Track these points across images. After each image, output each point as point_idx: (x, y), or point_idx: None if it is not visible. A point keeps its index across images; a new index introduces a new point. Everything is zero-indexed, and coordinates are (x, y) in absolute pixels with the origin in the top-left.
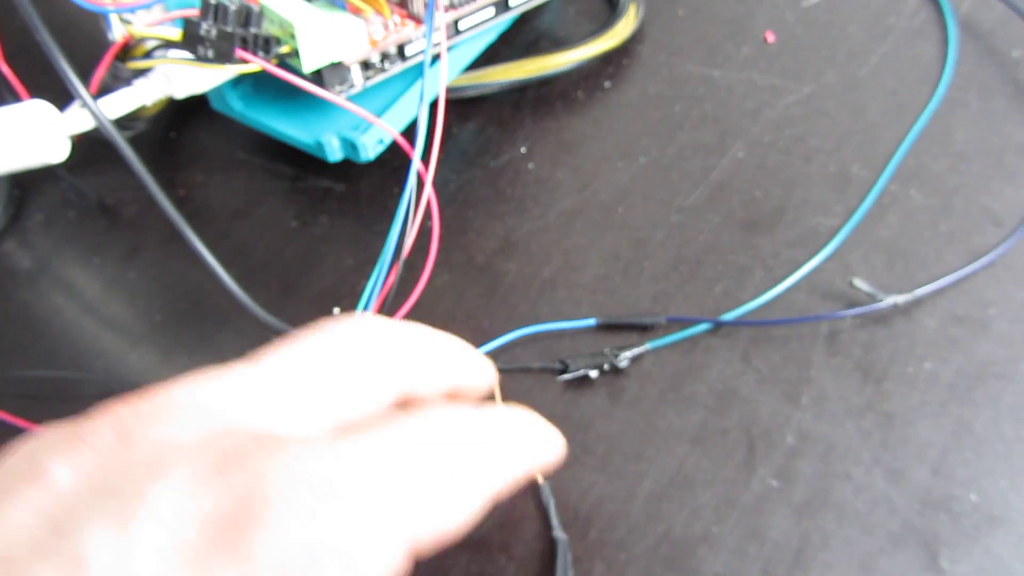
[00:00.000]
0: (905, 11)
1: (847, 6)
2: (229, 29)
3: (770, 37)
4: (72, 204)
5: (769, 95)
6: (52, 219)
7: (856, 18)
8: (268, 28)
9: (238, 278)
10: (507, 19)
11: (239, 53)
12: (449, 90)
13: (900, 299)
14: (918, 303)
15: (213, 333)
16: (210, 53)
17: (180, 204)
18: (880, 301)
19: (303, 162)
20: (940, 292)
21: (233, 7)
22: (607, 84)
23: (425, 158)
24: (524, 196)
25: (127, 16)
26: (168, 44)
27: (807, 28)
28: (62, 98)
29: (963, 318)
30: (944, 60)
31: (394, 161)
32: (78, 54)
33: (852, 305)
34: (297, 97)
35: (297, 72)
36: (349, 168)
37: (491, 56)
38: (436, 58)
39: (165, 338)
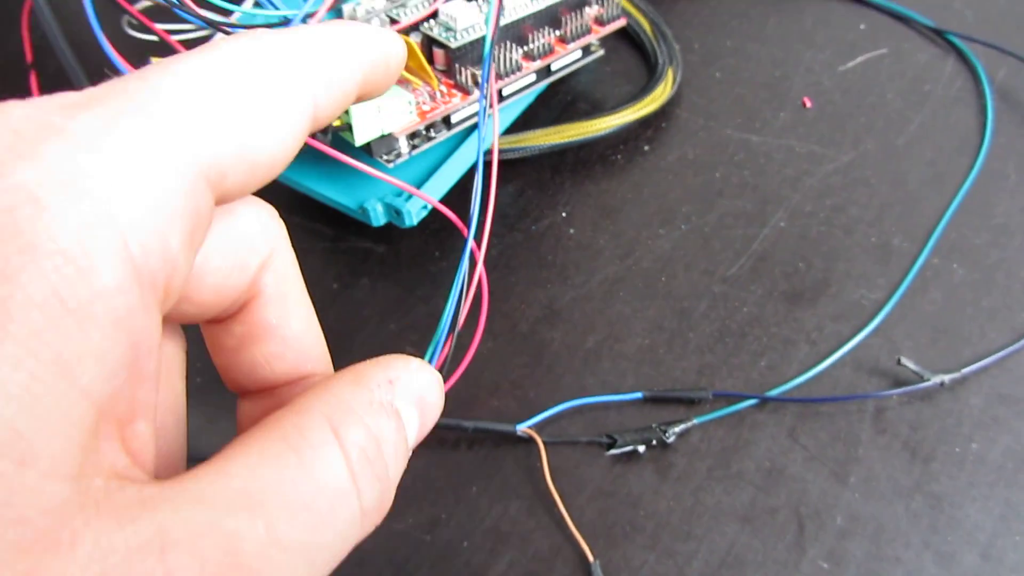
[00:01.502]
0: (942, 77)
1: (883, 71)
2: None
3: (808, 102)
4: None
5: (808, 162)
6: None
7: (893, 84)
8: None
9: None
10: (547, 82)
11: (309, 141)
12: (492, 153)
13: (946, 378)
14: (963, 382)
15: None
16: None
17: None
18: (927, 380)
19: (343, 222)
20: (985, 370)
21: None
22: (646, 147)
23: (478, 235)
24: (566, 262)
25: None
26: None
27: (844, 94)
28: None
29: (1008, 397)
30: (982, 129)
31: (434, 223)
32: None
33: (898, 382)
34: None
35: (347, 143)
36: (389, 229)
37: (529, 116)
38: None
39: (207, 402)
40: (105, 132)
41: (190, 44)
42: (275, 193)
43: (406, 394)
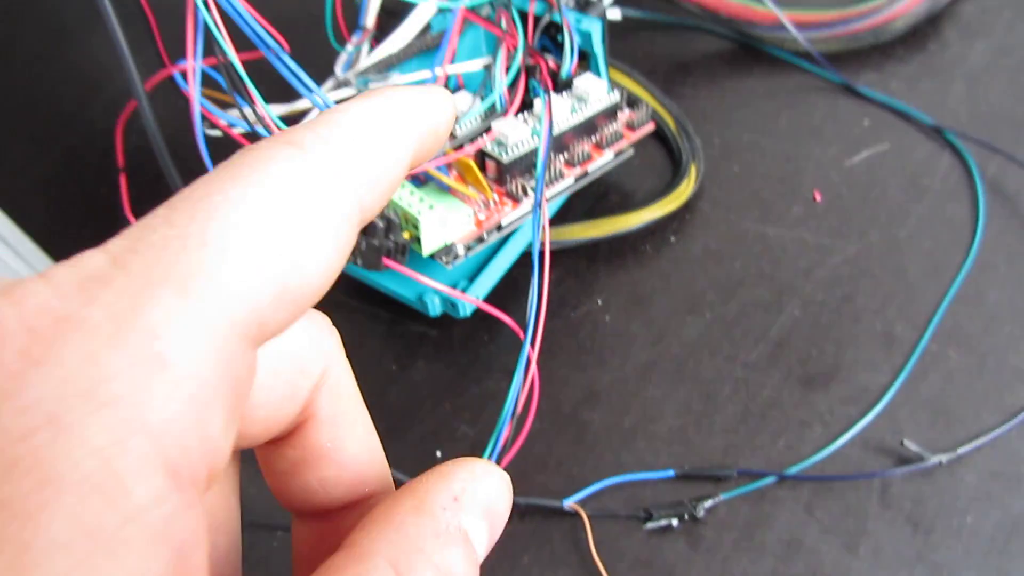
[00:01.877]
0: (938, 172)
1: (886, 166)
2: (376, 243)
3: (818, 196)
4: None
5: (819, 254)
6: None
7: (894, 179)
8: (389, 212)
9: None
10: (583, 183)
11: (385, 262)
12: (531, 245)
13: (944, 457)
14: (960, 460)
15: None
16: (359, 261)
17: None
18: (927, 460)
19: (399, 307)
20: (979, 450)
21: (381, 223)
22: (672, 239)
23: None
24: (603, 347)
25: None
26: None
27: (851, 188)
28: None
29: (1000, 474)
30: (975, 222)
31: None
32: None
33: (901, 461)
34: None
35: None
36: (442, 315)
37: (565, 208)
38: (514, 228)
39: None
40: (130, 316)
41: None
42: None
43: (474, 508)
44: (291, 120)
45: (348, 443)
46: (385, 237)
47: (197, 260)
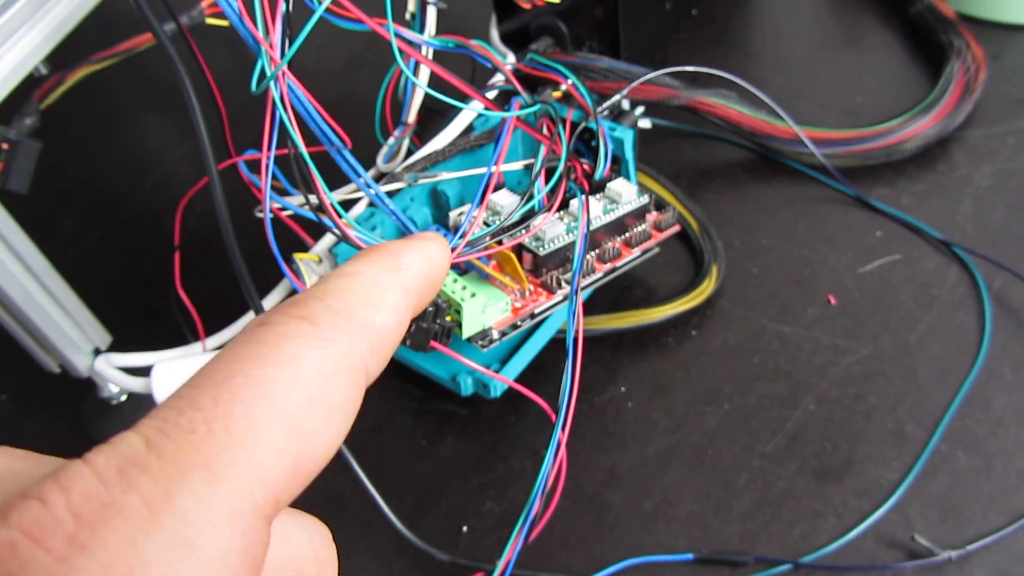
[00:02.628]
0: (947, 283)
1: (897, 275)
2: (426, 326)
3: (832, 300)
4: None
5: (833, 353)
6: None
7: (905, 287)
8: (436, 298)
9: (376, 490)
10: (611, 277)
11: (433, 344)
12: (560, 332)
13: (953, 554)
14: (968, 557)
15: (355, 541)
16: (408, 342)
17: None
18: (936, 555)
19: (430, 386)
20: (987, 548)
21: (431, 308)
22: (693, 332)
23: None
24: (625, 432)
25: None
26: None
27: (864, 294)
28: None
29: (1007, 571)
30: (982, 332)
31: (510, 391)
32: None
33: (912, 555)
34: None
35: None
36: (472, 395)
37: (591, 299)
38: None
39: None
40: (165, 504)
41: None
42: None
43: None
44: (344, 205)
45: None
46: (433, 321)
47: (222, 446)
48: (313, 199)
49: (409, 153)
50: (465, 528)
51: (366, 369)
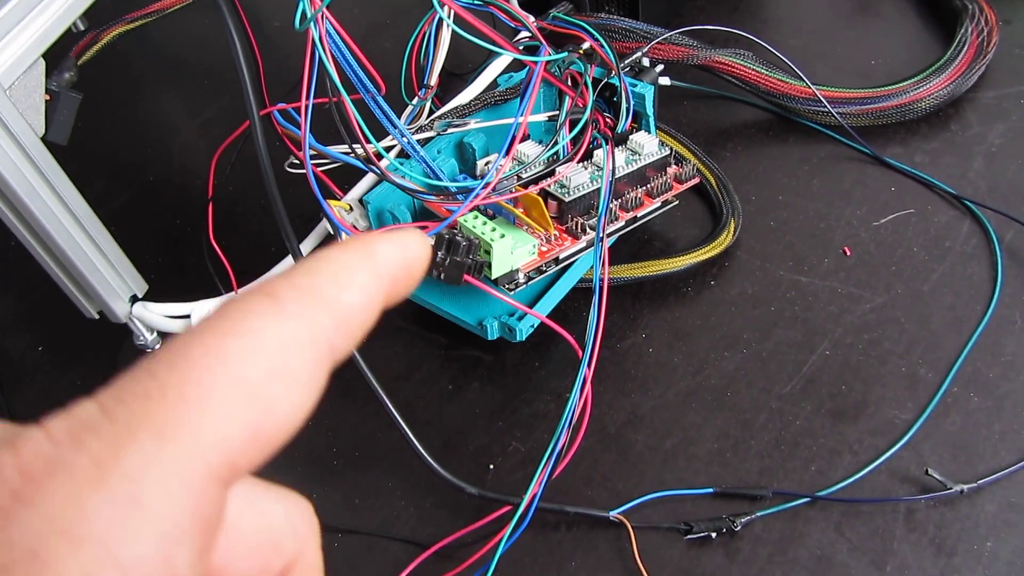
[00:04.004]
0: (959, 236)
1: (911, 228)
2: (459, 260)
3: (847, 251)
4: None
5: (849, 302)
6: None
7: (918, 239)
8: (469, 234)
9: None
10: (633, 226)
11: (466, 278)
12: (581, 281)
13: (965, 487)
14: (980, 491)
15: (386, 479)
16: (442, 275)
17: (350, 364)
18: (949, 488)
19: (455, 333)
20: (997, 483)
21: (464, 242)
22: (712, 283)
23: (589, 359)
24: (646, 376)
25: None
26: None
27: (878, 245)
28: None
29: (1017, 505)
30: (994, 281)
31: (533, 338)
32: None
33: (925, 489)
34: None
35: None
36: (497, 341)
37: (613, 251)
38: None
39: (345, 482)
40: (112, 462)
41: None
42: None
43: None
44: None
45: None
46: (467, 255)
47: (174, 409)
48: (357, 147)
49: (431, 114)
50: (492, 466)
51: (331, 345)
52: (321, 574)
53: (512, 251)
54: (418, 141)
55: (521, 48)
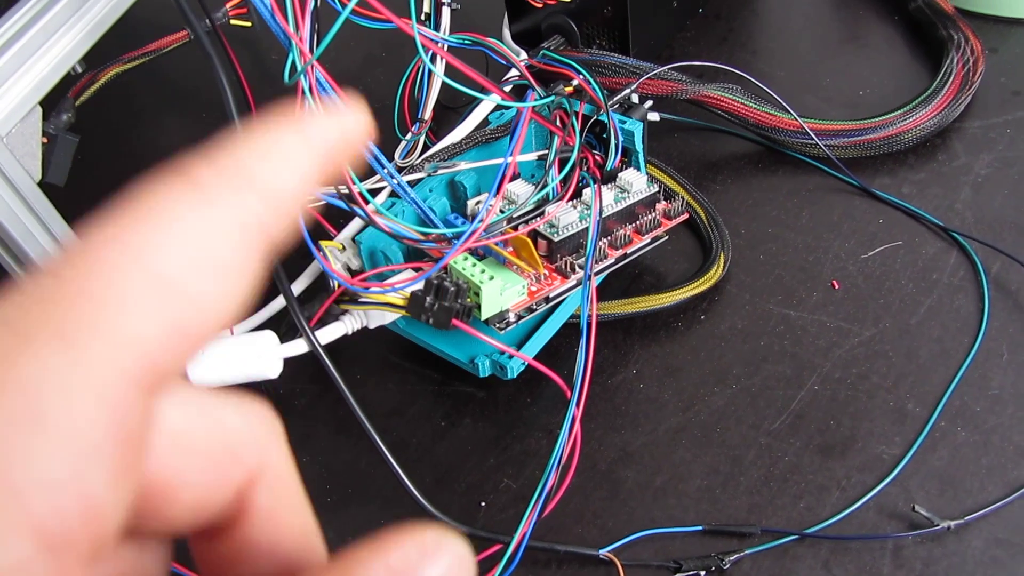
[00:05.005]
0: (947, 268)
1: (899, 260)
2: (448, 305)
3: (836, 284)
4: (248, 390)
5: (837, 336)
6: None
7: (906, 271)
8: (458, 279)
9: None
10: (623, 263)
11: (454, 322)
12: (573, 316)
13: (952, 523)
14: (967, 527)
15: (379, 516)
16: (431, 320)
17: (343, 402)
18: (936, 525)
19: (448, 369)
20: (984, 518)
21: (452, 288)
22: (702, 317)
23: (578, 399)
24: (636, 412)
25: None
26: (390, 304)
27: (867, 278)
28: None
29: (1004, 541)
30: (981, 314)
31: (525, 375)
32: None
33: (912, 525)
34: None
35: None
36: (489, 377)
37: (603, 286)
38: (559, 301)
39: (337, 519)
40: (5, 371)
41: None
42: (387, 339)
43: None
44: (372, 193)
45: (286, 541)
46: (455, 300)
47: (79, 309)
48: (343, 188)
49: (425, 148)
50: (483, 504)
51: (263, 229)
52: (295, 480)
53: (501, 292)
54: (408, 182)
55: (509, 89)
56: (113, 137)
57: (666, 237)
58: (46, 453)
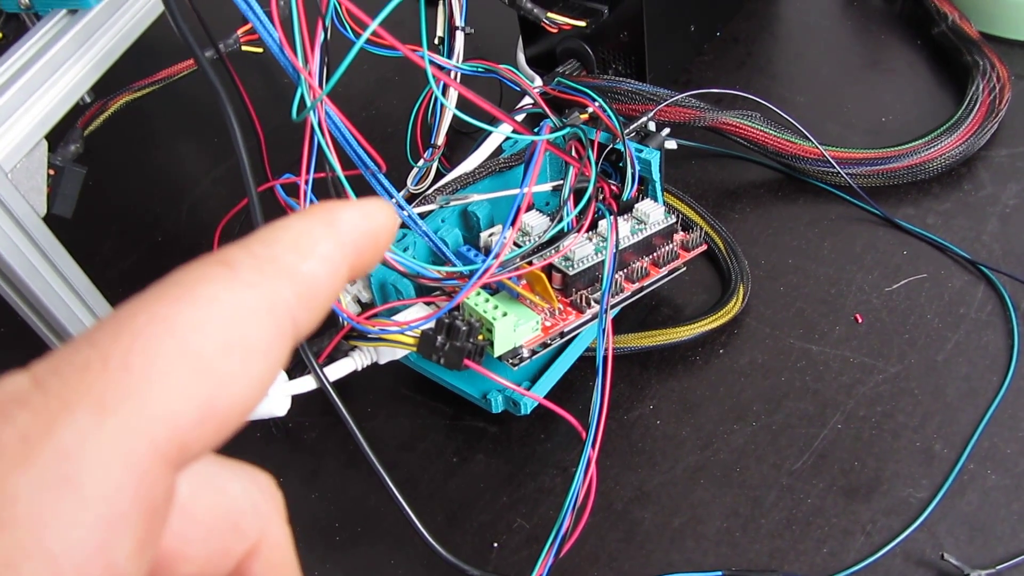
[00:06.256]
0: (974, 302)
1: (924, 293)
2: (459, 345)
3: (859, 318)
4: (256, 426)
5: (860, 372)
6: (238, 441)
7: (932, 305)
8: (470, 318)
9: (408, 506)
10: (640, 295)
11: (466, 362)
12: (589, 350)
13: (983, 573)
14: None
15: (388, 556)
16: (442, 360)
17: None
18: (966, 574)
19: (460, 403)
20: (1017, 568)
21: (464, 327)
22: (721, 351)
23: (593, 440)
24: (654, 450)
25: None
26: (401, 343)
27: (891, 312)
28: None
29: None
30: (1010, 351)
31: (539, 410)
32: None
33: (942, 574)
34: None
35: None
36: (502, 412)
37: (619, 318)
38: (575, 335)
39: (346, 559)
40: (42, 438)
41: None
42: (398, 371)
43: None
44: None
45: None
46: (467, 340)
47: (117, 382)
48: None
49: (438, 174)
50: (496, 544)
51: (293, 317)
52: (291, 552)
53: (515, 328)
54: (420, 214)
55: (523, 118)
56: (125, 163)
57: (684, 268)
58: (79, 519)
